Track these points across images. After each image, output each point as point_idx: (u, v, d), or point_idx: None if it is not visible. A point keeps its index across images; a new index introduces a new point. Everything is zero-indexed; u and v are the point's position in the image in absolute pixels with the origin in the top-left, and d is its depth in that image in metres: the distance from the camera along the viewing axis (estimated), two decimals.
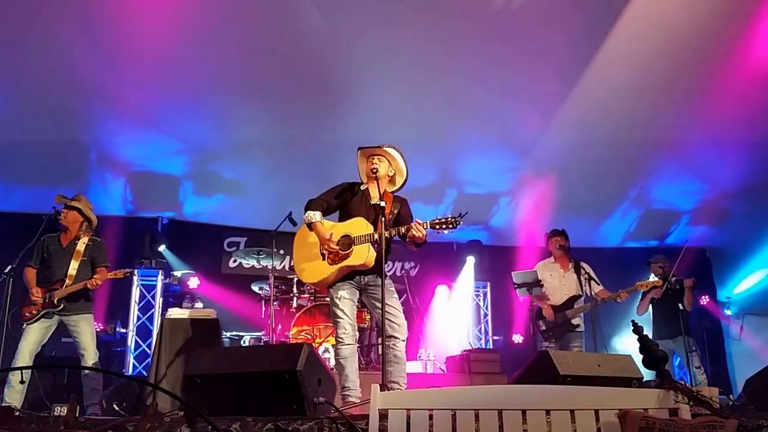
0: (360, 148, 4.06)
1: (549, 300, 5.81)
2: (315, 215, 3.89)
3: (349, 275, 3.87)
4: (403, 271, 8.28)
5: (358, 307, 4.15)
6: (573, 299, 5.74)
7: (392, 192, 4.08)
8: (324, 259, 3.88)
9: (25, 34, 5.46)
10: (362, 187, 4.04)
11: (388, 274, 3.94)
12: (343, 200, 4.04)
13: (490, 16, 5.75)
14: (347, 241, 3.83)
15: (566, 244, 5.92)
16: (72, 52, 5.69)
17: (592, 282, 5.74)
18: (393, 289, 3.91)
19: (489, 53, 6.10)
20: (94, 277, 4.87)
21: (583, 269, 5.80)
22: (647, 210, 8.50)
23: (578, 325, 5.73)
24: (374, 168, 3.90)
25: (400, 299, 4.02)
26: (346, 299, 3.83)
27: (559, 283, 5.85)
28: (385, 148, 3.99)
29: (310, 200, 3.99)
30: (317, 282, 4.01)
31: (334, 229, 3.93)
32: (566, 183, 7.60)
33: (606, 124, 6.79)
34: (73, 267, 4.92)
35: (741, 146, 6.98)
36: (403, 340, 3.76)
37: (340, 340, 3.80)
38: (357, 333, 3.96)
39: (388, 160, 4.01)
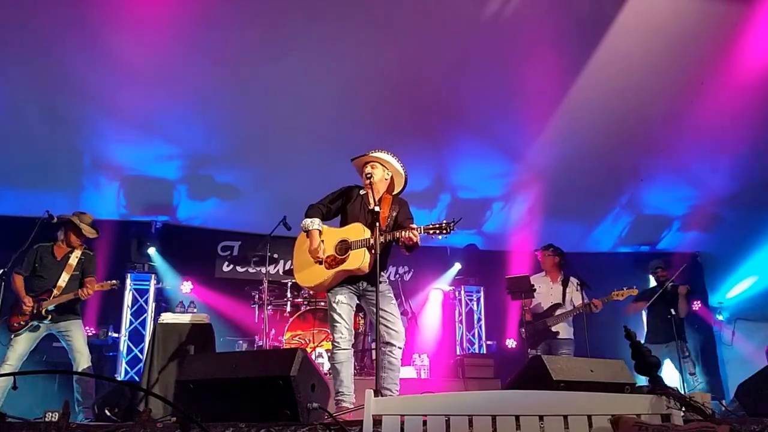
0: (352, 159, 4.07)
1: (530, 308, 5.94)
2: (312, 222, 3.90)
3: (349, 280, 3.87)
4: (397, 276, 8.28)
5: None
6: (554, 308, 5.89)
7: (395, 194, 4.08)
8: (321, 264, 3.88)
9: (20, 38, 5.44)
10: (361, 192, 4.04)
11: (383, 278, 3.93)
12: (341, 205, 4.04)
13: (483, 26, 5.78)
14: (344, 246, 3.83)
15: (557, 258, 6.05)
16: (66, 56, 5.67)
17: (575, 294, 5.91)
18: (391, 295, 3.90)
19: (481, 61, 6.14)
20: (86, 287, 4.88)
21: (571, 283, 5.98)
22: (638, 215, 8.56)
23: (558, 333, 5.82)
24: (368, 174, 3.91)
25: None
26: (343, 304, 3.83)
27: (546, 292, 5.99)
28: (372, 154, 3.99)
29: (310, 205, 4.00)
30: (314, 286, 4.00)
31: (332, 234, 3.94)
32: (558, 189, 7.65)
33: (597, 131, 6.84)
34: (63, 279, 4.95)
35: (731, 152, 7.04)
36: (400, 348, 3.76)
37: (336, 344, 3.79)
38: (353, 338, 3.95)
39: (383, 165, 4.02)
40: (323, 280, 3.85)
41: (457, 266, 8.52)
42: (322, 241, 3.89)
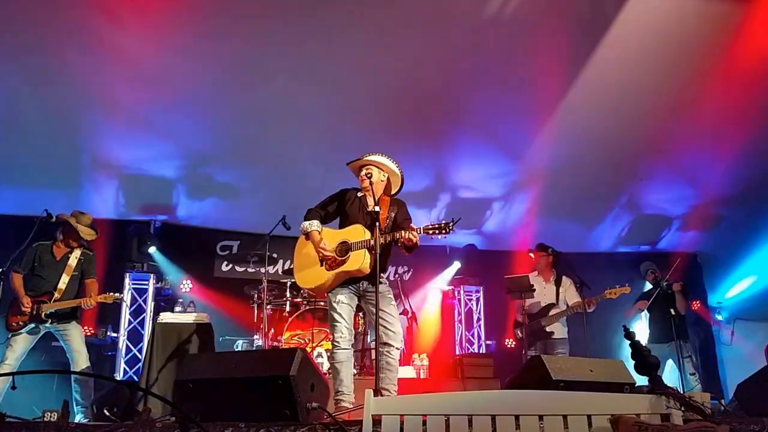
0: (347, 164, 4.08)
1: (526, 308, 5.97)
2: (311, 224, 3.92)
3: (350, 281, 3.87)
4: (397, 276, 8.27)
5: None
6: (548, 308, 5.91)
7: (392, 195, 4.09)
8: (322, 265, 3.88)
9: (19, 37, 5.43)
10: (359, 194, 4.04)
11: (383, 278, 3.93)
12: (338, 207, 4.05)
13: (483, 26, 5.77)
14: (344, 248, 3.84)
15: (550, 258, 6.07)
16: (66, 55, 5.66)
17: (569, 293, 5.94)
18: (391, 296, 3.92)
19: (481, 61, 6.13)
20: (88, 296, 4.89)
21: (564, 282, 6.04)
22: (638, 215, 8.56)
23: (553, 332, 5.84)
24: (369, 174, 3.93)
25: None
26: (344, 303, 3.84)
27: (539, 291, 6.02)
28: (367, 158, 4.00)
29: (308, 209, 4.03)
30: (314, 287, 4.01)
31: (332, 236, 3.94)
32: (558, 188, 7.64)
33: (597, 131, 6.83)
34: (63, 281, 4.93)
35: (730, 152, 7.03)
36: (398, 348, 3.78)
37: (336, 344, 3.80)
38: (353, 338, 3.95)
39: (378, 167, 4.02)
40: (324, 281, 3.86)
41: (457, 265, 8.53)
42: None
